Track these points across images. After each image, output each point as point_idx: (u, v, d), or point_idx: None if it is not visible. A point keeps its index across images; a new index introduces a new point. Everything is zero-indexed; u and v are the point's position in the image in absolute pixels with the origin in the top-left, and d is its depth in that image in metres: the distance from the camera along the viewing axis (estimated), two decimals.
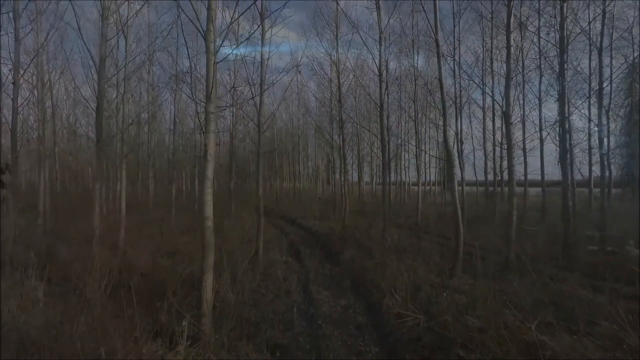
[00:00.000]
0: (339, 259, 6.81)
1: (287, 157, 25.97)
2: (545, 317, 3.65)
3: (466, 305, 3.79)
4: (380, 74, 8.23)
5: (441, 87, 5.63)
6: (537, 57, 10.92)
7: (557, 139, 11.16)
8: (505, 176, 13.29)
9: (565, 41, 6.90)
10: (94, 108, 4.97)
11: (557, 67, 10.26)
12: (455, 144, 10.59)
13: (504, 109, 6.00)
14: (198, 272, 3.46)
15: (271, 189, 26.76)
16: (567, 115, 6.94)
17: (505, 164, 12.83)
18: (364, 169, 21.68)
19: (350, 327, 3.82)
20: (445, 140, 5.65)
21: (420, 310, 3.83)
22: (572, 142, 8.49)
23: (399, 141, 17.06)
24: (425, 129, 17.45)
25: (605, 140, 9.47)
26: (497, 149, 12.33)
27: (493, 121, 12.22)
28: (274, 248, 7.56)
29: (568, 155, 7.35)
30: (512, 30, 5.97)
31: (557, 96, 11.15)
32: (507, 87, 5.84)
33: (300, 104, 20.92)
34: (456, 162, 5.77)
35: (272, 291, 4.73)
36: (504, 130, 12.57)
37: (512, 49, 6.09)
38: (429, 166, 19.76)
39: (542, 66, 10.95)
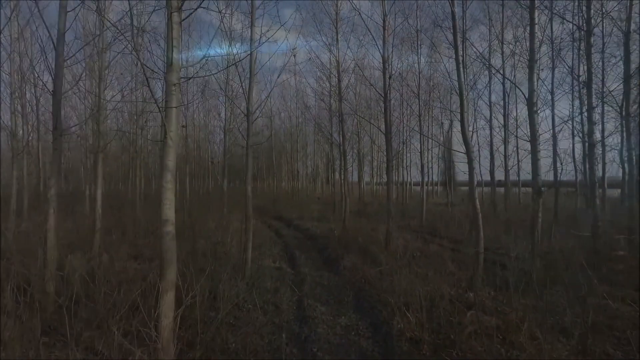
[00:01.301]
0: (339, 266, 6.05)
1: (286, 156, 25.27)
2: (597, 346, 2.92)
3: (498, 330, 3.04)
4: (384, 62, 7.49)
5: (457, 66, 4.87)
6: (551, 47, 10.26)
7: (572, 134, 10.57)
8: (512, 176, 12.60)
9: (593, 22, 6.17)
10: (51, 91, 4.19)
11: (569, 60, 9.70)
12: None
13: (526, 95, 5.26)
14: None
15: (268, 188, 26.03)
16: (594, 105, 6.17)
17: (511, 162, 12.16)
18: (364, 168, 21.00)
19: (353, 358, 3.07)
20: (463, 131, 4.88)
21: (440, 335, 3.08)
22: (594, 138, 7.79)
23: (401, 139, 16.40)
24: (428, 127, 16.83)
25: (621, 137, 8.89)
26: (504, 147, 11.62)
27: (504, 110, 11.45)
28: (266, 253, 6.80)
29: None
30: (535, 6, 5.22)
31: (571, 90, 10.53)
32: (531, 70, 5.08)
33: (298, 100, 20.23)
34: (474, 154, 5.00)
35: (259, 306, 3.97)
36: (515, 120, 11.92)
37: (529, 33, 5.32)
38: (432, 165, 19.24)
39: (555, 58, 10.31)
